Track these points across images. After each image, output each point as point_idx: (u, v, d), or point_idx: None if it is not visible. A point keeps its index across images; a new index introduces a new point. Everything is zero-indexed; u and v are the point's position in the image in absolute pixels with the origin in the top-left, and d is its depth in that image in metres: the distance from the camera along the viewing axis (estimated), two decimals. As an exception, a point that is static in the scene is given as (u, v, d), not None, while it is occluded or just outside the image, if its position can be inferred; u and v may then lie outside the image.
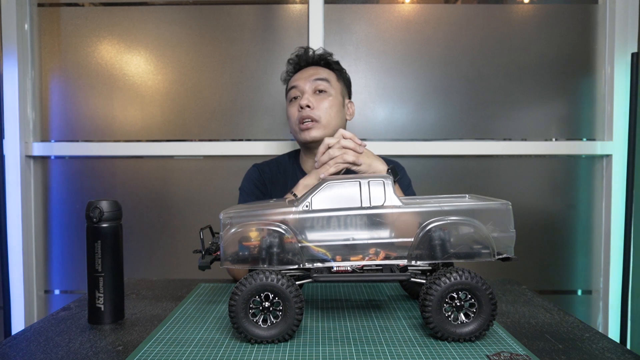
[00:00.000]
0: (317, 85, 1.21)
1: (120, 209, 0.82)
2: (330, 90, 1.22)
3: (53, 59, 1.67)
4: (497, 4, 1.66)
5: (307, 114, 1.18)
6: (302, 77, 1.24)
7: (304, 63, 1.29)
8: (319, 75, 1.22)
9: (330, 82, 1.23)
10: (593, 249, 1.70)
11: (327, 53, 1.30)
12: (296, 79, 1.25)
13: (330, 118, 1.20)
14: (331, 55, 1.30)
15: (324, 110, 1.19)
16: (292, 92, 1.24)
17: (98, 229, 0.79)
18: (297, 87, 1.22)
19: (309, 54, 1.29)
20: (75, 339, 0.73)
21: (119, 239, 0.82)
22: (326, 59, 1.28)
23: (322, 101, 1.20)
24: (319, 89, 1.21)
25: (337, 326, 0.76)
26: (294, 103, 1.23)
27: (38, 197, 1.70)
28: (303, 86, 1.21)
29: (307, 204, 0.72)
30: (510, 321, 0.80)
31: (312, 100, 1.19)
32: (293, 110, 1.22)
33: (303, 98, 1.19)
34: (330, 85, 1.22)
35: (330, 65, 1.28)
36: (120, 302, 0.82)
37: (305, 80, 1.22)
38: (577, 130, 1.69)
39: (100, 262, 0.79)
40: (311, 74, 1.23)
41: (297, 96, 1.22)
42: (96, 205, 0.79)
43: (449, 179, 1.67)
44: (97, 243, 0.79)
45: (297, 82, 1.23)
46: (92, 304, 0.80)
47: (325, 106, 1.19)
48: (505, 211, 0.72)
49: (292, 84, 1.25)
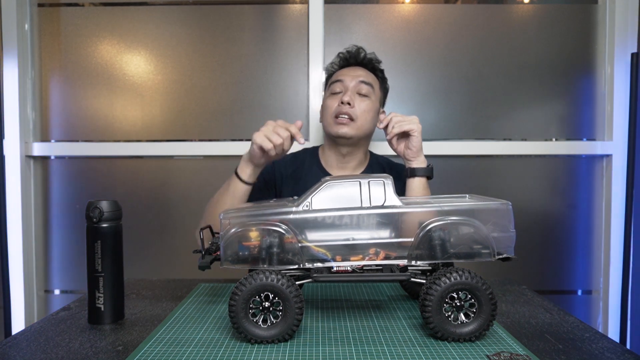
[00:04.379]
0: (361, 87, 1.22)
1: (120, 209, 0.82)
2: (372, 95, 1.24)
3: (53, 59, 1.67)
4: (497, 4, 1.66)
5: (346, 111, 1.20)
6: (350, 74, 1.25)
7: (353, 61, 1.30)
8: (365, 78, 1.24)
9: (373, 88, 1.25)
10: (593, 249, 1.70)
11: (377, 59, 1.31)
12: (343, 74, 1.26)
13: (365, 121, 1.22)
14: (380, 62, 1.31)
15: (362, 112, 1.21)
16: (335, 86, 1.25)
17: (98, 229, 0.79)
18: (342, 82, 1.24)
19: (361, 54, 1.30)
20: (75, 339, 0.73)
21: (119, 239, 0.81)
22: (374, 64, 1.30)
23: (362, 102, 1.22)
24: (362, 92, 1.22)
25: (337, 326, 0.76)
26: (335, 96, 1.24)
27: (38, 197, 1.70)
28: (348, 83, 1.23)
29: (307, 203, 0.72)
30: (510, 321, 0.80)
31: (353, 99, 1.21)
32: (332, 103, 1.24)
33: (346, 94, 1.21)
34: (373, 91, 1.24)
35: (376, 71, 1.30)
36: (120, 302, 0.82)
37: (352, 78, 1.23)
38: (577, 130, 1.69)
39: (100, 262, 0.79)
40: (359, 74, 1.25)
41: (340, 91, 1.24)
42: (96, 205, 0.79)
43: (449, 179, 1.67)
44: (97, 243, 0.79)
45: (343, 77, 1.24)
46: (92, 304, 0.80)
47: (364, 108, 1.22)
48: (505, 211, 0.72)
49: (338, 77, 1.26)
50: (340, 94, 1.23)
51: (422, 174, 1.14)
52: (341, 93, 1.23)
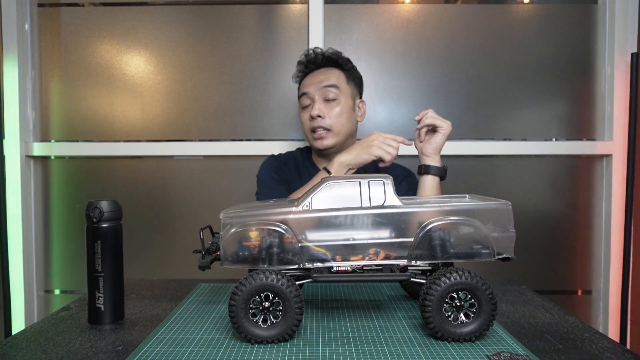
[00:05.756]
0: (327, 93, 1.22)
1: (121, 209, 0.82)
2: (340, 97, 1.23)
3: (53, 59, 1.67)
4: (497, 4, 1.66)
5: (319, 124, 1.21)
6: (312, 83, 1.24)
7: (313, 66, 1.29)
8: (328, 82, 1.23)
9: (339, 87, 1.23)
10: (593, 249, 1.70)
11: (335, 53, 1.29)
12: (306, 85, 1.26)
13: (341, 126, 1.22)
14: (340, 54, 1.29)
15: (335, 119, 1.21)
16: (303, 100, 1.25)
17: (98, 229, 0.79)
18: (307, 95, 1.24)
19: (319, 58, 1.28)
20: (75, 339, 0.73)
21: (119, 239, 0.81)
22: (335, 60, 1.28)
23: (332, 109, 1.21)
24: (329, 98, 1.22)
25: (337, 326, 0.76)
26: (306, 110, 1.25)
27: (38, 197, 1.70)
28: (313, 94, 1.23)
29: (307, 203, 0.72)
30: (510, 321, 0.80)
31: (322, 110, 1.21)
32: (305, 118, 1.25)
33: (314, 108, 1.21)
34: (340, 91, 1.23)
35: (340, 65, 1.28)
36: (120, 302, 0.82)
37: (316, 87, 1.23)
38: (577, 130, 1.69)
39: (100, 262, 0.79)
40: (321, 80, 1.23)
41: (309, 104, 1.24)
42: (96, 205, 0.79)
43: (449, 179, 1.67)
44: (97, 243, 0.79)
45: (307, 89, 1.24)
46: (92, 304, 0.80)
47: (335, 114, 1.21)
48: (505, 211, 0.72)
49: (302, 91, 1.26)
50: (310, 106, 1.23)
51: (435, 173, 1.14)
52: (310, 106, 1.23)
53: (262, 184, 1.27)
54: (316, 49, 1.30)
